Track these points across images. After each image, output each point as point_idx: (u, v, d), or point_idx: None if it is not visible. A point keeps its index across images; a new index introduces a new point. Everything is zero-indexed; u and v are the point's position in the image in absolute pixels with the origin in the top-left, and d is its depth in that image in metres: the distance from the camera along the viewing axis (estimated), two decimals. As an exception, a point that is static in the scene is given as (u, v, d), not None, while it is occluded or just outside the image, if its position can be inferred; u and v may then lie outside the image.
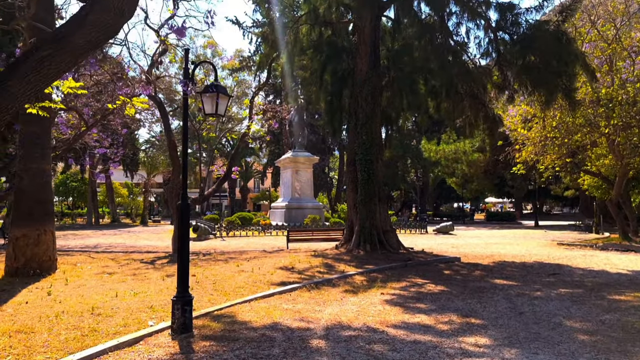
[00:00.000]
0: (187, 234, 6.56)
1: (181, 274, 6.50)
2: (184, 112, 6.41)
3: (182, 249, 6.54)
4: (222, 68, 54.85)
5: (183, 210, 6.56)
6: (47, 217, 11.26)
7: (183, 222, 6.51)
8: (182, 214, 6.54)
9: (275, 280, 10.42)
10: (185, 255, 6.52)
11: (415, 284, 10.42)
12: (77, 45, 4.17)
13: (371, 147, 14.84)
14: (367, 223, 14.63)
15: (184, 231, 6.51)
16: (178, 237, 6.53)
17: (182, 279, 6.49)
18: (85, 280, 10.41)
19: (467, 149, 38.74)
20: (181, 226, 6.52)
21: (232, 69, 47.90)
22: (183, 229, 6.51)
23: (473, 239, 24.68)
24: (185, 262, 6.51)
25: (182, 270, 6.49)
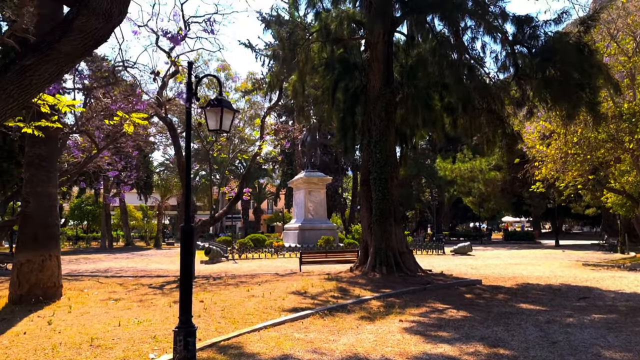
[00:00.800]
0: (190, 259, 6.10)
1: (183, 302, 6.02)
2: (186, 129, 6.02)
3: (185, 276, 6.07)
4: (235, 90, 55.17)
5: (186, 233, 6.11)
6: (52, 241, 10.89)
7: (186, 247, 6.06)
8: (185, 237, 6.09)
9: (286, 306, 9.89)
10: (187, 283, 6.06)
11: (435, 310, 9.80)
12: (63, 52, 3.79)
13: (385, 165, 14.35)
14: (383, 244, 14.05)
15: (186, 256, 6.05)
16: (181, 263, 6.08)
17: (184, 308, 6.01)
18: (89, 308, 9.97)
19: (483, 167, 38.03)
20: (184, 251, 6.07)
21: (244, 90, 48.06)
22: (186, 254, 6.06)
23: (492, 259, 23.88)
24: (187, 289, 6.03)
25: (185, 299, 6.01)
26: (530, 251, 31.37)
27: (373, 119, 14.73)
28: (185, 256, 6.02)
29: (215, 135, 17.81)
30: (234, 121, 6.50)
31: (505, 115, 15.85)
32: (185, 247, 6.03)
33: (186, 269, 6.02)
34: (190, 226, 6.08)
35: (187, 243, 6.03)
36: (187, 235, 6.07)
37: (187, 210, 6.11)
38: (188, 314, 5.99)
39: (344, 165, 53.05)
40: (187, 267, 6.02)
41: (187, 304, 6.01)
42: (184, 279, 6.04)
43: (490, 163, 37.97)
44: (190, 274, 6.08)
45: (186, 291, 6.00)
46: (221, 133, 5.99)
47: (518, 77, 13.90)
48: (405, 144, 16.37)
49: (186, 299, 5.99)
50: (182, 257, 6.01)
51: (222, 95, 6.00)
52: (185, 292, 5.99)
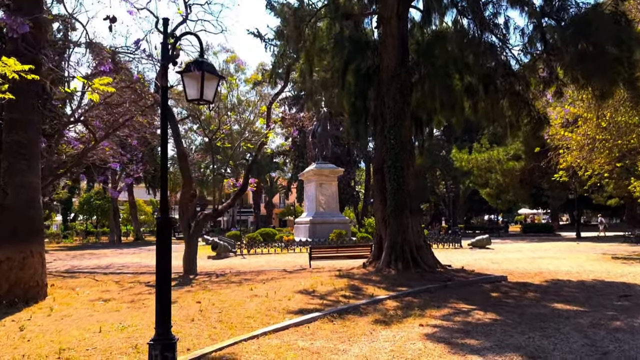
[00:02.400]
0: (168, 258, 5.05)
1: (161, 311, 4.97)
2: (162, 99, 4.95)
3: (162, 279, 5.02)
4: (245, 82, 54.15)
5: (162, 226, 5.05)
6: (34, 237, 9.94)
7: (162, 243, 5.00)
8: (161, 231, 5.03)
9: (292, 308, 8.82)
10: (164, 287, 5.00)
11: (460, 311, 8.67)
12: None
13: (401, 153, 13.19)
14: (399, 238, 12.92)
15: (163, 255, 4.99)
16: (156, 264, 5.03)
17: (161, 318, 4.96)
18: (73, 310, 9.00)
19: (501, 157, 36.59)
20: (160, 248, 5.01)
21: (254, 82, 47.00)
22: (163, 251, 5.00)
23: (513, 253, 22.62)
24: (164, 295, 4.98)
25: (162, 306, 4.96)
26: (551, 244, 29.99)
27: (387, 102, 13.56)
28: (162, 255, 4.96)
29: (219, 124, 16.80)
30: (244, 114, 5.47)
31: (530, 97, 14.60)
32: (161, 244, 4.97)
33: (163, 270, 4.97)
34: (167, 218, 5.02)
35: (163, 238, 4.97)
36: (163, 229, 5.00)
37: (163, 198, 5.05)
38: (166, 324, 4.95)
39: (356, 157, 51.89)
40: (164, 268, 4.97)
41: (165, 313, 4.97)
42: (160, 282, 4.99)
43: (509, 153, 36.52)
44: (167, 276, 5.03)
45: (163, 297, 4.95)
46: (203, 104, 4.93)
47: (548, 53, 12.61)
48: (421, 130, 15.16)
49: (163, 307, 4.95)
50: (159, 256, 4.96)
51: (203, 56, 4.93)
52: (162, 299, 4.94)
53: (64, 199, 52.49)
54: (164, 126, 5.00)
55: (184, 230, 14.86)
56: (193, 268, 14.48)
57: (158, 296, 4.96)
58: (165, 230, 4.99)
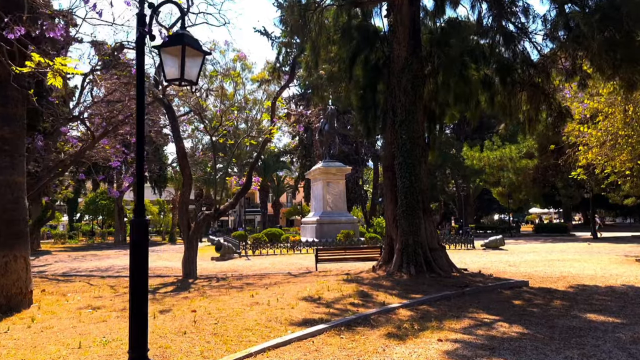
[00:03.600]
0: (142, 269, 4.23)
1: (135, 331, 4.16)
2: (137, 77, 4.15)
3: (136, 294, 4.20)
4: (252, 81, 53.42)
5: (137, 228, 4.24)
6: (18, 240, 9.17)
7: (137, 249, 4.19)
8: (136, 234, 4.22)
9: (295, 318, 8.00)
10: (139, 302, 4.19)
11: (482, 323, 7.80)
12: None
13: (413, 148, 12.33)
14: (410, 240, 12.06)
15: (137, 266, 4.18)
16: (130, 275, 4.22)
17: (136, 339, 4.15)
18: (56, 320, 8.23)
19: (513, 155, 35.55)
20: (134, 257, 4.20)
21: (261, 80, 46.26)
22: (137, 262, 4.19)
23: (529, 254, 21.66)
24: (139, 312, 4.17)
25: (137, 325, 4.15)
26: (567, 244, 28.95)
27: (398, 94, 12.70)
28: (137, 264, 4.14)
29: (220, 119, 16.01)
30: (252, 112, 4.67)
31: (550, 89, 13.70)
32: (135, 252, 4.16)
33: (138, 283, 4.15)
34: (142, 220, 4.21)
35: (137, 244, 4.16)
36: (138, 232, 4.19)
37: (138, 196, 4.25)
38: (141, 348, 4.13)
39: (364, 155, 51.03)
40: (139, 281, 4.15)
41: (139, 333, 4.16)
42: (135, 297, 4.17)
43: (521, 151, 35.48)
44: (143, 289, 4.21)
45: (138, 315, 4.13)
46: (185, 85, 4.13)
47: (571, 41, 11.68)
48: (434, 124, 14.26)
49: (138, 326, 4.13)
50: (133, 266, 4.15)
51: (184, 28, 4.12)
52: (136, 317, 4.12)
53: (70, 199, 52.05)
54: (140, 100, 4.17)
55: (184, 231, 14.09)
56: (193, 271, 13.71)
57: (132, 313, 4.15)
58: (140, 234, 4.18)
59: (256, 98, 58.61)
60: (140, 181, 4.32)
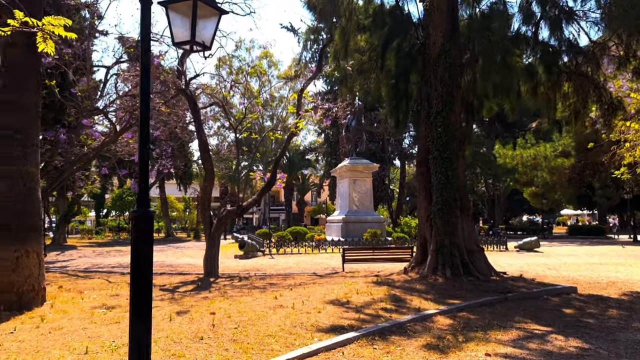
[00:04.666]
0: (148, 268, 3.55)
1: (136, 342, 3.47)
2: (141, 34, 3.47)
3: (139, 299, 3.51)
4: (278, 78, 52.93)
5: (140, 221, 3.56)
6: (30, 234, 8.67)
7: (139, 246, 3.51)
8: (139, 229, 3.54)
9: (322, 324, 7.26)
10: (144, 309, 3.50)
11: (532, 335, 6.93)
12: None
13: (449, 142, 11.46)
14: (446, 240, 11.20)
15: (140, 264, 3.50)
16: (131, 273, 3.55)
17: (137, 352, 3.46)
18: (67, 321, 7.66)
19: (548, 154, 34.09)
20: (137, 256, 3.52)
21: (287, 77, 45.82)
22: (139, 262, 3.50)
23: (568, 257, 20.48)
24: (142, 321, 3.48)
25: (138, 336, 3.46)
26: (606, 247, 27.52)
27: (433, 84, 11.85)
28: (140, 264, 3.46)
29: (245, 112, 15.40)
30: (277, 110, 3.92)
31: (600, 79, 12.66)
32: (138, 249, 3.47)
33: (140, 284, 3.47)
34: (146, 211, 3.53)
35: (139, 240, 3.47)
36: (141, 227, 3.51)
37: (142, 185, 3.57)
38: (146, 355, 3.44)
39: (391, 153, 50.00)
40: (141, 280, 3.46)
41: (142, 344, 3.46)
42: (136, 301, 3.48)
43: (557, 149, 33.99)
44: (147, 296, 3.52)
45: (140, 324, 3.44)
46: (197, 50, 3.45)
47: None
48: (472, 117, 13.33)
49: (140, 337, 3.44)
50: (134, 264, 3.47)
51: (196, -19, 3.43)
52: (138, 326, 3.43)
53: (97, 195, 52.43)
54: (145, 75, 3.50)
55: (206, 228, 13.51)
56: (214, 270, 13.11)
57: (132, 323, 3.46)
58: (143, 229, 3.50)
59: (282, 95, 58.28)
60: (144, 168, 3.66)
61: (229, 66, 26.15)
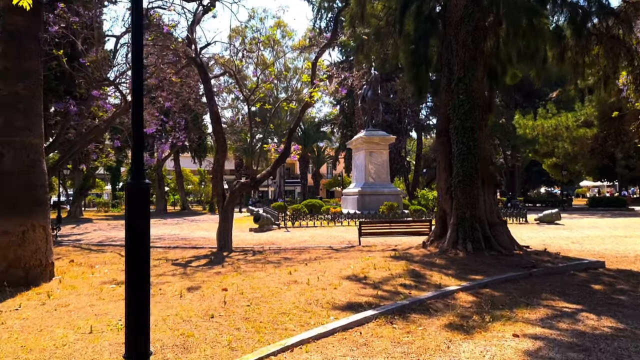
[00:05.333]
0: (142, 246, 3.18)
1: (134, 327, 3.13)
2: None
3: (136, 276, 3.16)
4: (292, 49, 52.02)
5: (134, 193, 3.18)
6: (36, 207, 8.42)
7: (134, 220, 3.14)
8: (133, 201, 3.17)
9: (338, 301, 6.93)
10: (141, 290, 3.15)
11: (562, 313, 6.52)
12: None
13: (471, 110, 10.88)
14: (467, 213, 10.74)
15: (135, 242, 3.13)
16: (126, 252, 3.19)
17: (135, 338, 3.13)
18: (75, 297, 7.44)
19: (570, 124, 33.07)
20: (132, 230, 3.15)
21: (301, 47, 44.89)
22: (135, 237, 3.14)
23: (590, 230, 19.89)
24: (140, 304, 3.13)
25: (136, 320, 3.12)
26: (629, 220, 26.76)
27: (455, 49, 11.22)
28: (134, 242, 3.09)
29: (258, 81, 14.91)
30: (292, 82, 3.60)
31: (633, 43, 11.90)
32: (132, 222, 3.10)
33: (138, 267, 3.10)
34: (140, 183, 3.15)
35: (134, 215, 3.10)
36: (136, 198, 3.13)
37: (136, 154, 3.18)
38: (142, 342, 3.11)
39: (407, 125, 49.13)
40: (138, 262, 3.10)
41: (141, 329, 3.13)
42: (133, 279, 3.13)
43: (579, 119, 32.94)
44: (145, 272, 3.16)
45: (139, 308, 3.10)
46: None
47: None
48: (496, 84, 12.67)
49: (139, 321, 3.10)
50: (131, 243, 3.10)
51: None
52: (136, 310, 3.09)
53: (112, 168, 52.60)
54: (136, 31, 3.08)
55: (219, 201, 13.21)
56: (228, 244, 12.86)
57: (129, 309, 3.11)
58: (138, 203, 3.12)
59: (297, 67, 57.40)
60: (138, 135, 3.26)
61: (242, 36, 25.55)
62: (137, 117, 3.21)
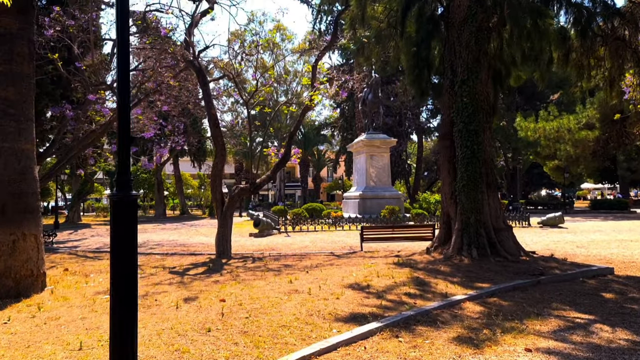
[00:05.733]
0: (129, 261, 2.91)
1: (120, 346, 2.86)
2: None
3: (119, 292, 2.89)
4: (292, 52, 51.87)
5: (118, 209, 2.91)
6: (27, 215, 8.15)
7: (119, 241, 2.87)
8: (118, 220, 2.90)
9: (341, 312, 6.66)
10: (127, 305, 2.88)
11: (574, 324, 6.24)
12: None
13: (475, 112, 10.63)
14: (472, 218, 10.47)
15: (122, 256, 2.87)
16: (111, 277, 2.92)
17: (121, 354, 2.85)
18: (67, 309, 7.16)
19: (572, 126, 32.79)
20: (115, 251, 2.88)
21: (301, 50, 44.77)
22: (120, 250, 2.87)
23: (595, 234, 19.61)
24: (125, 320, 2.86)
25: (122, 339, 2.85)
26: (632, 222, 26.49)
27: (458, 50, 10.97)
28: (120, 259, 2.82)
29: (257, 83, 14.66)
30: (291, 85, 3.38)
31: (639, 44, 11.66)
32: (118, 242, 2.83)
33: (123, 284, 2.83)
34: (126, 195, 2.88)
35: (120, 232, 2.83)
36: (122, 214, 2.86)
37: (122, 161, 2.92)
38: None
39: (408, 128, 48.86)
40: (126, 278, 2.83)
41: (126, 352, 2.85)
42: (119, 299, 2.86)
43: (581, 121, 32.66)
44: (132, 292, 2.89)
45: (124, 330, 2.82)
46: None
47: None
48: (500, 86, 12.41)
49: (124, 346, 2.83)
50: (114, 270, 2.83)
51: None
52: (122, 333, 2.81)
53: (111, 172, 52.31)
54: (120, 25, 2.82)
55: (217, 207, 12.94)
56: (227, 250, 12.59)
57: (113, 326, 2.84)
58: (125, 217, 2.85)
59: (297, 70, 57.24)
60: (124, 141, 2.99)
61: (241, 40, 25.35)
62: (124, 121, 2.95)
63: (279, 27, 53.30)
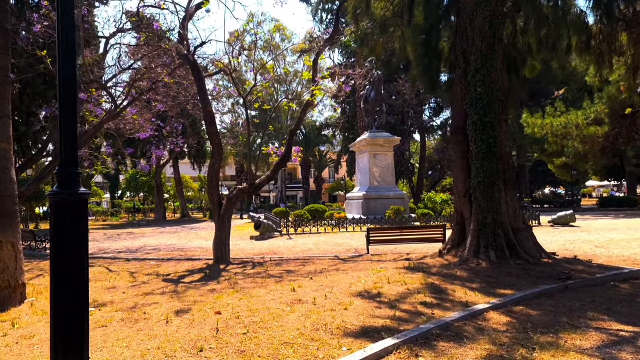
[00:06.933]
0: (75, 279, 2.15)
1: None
2: None
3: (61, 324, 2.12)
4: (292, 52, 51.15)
5: (59, 212, 2.15)
6: (4, 220, 7.41)
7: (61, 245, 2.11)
8: (58, 226, 2.13)
9: (351, 326, 5.89)
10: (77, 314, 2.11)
11: (619, 338, 5.46)
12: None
13: (491, 104, 9.86)
14: (489, 218, 9.69)
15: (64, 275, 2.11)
16: (51, 272, 2.16)
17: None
18: (45, 325, 6.39)
19: (580, 122, 31.90)
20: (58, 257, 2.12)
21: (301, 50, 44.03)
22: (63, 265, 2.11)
23: (611, 232, 18.79)
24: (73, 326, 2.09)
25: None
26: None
27: (471, 37, 10.20)
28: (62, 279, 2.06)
29: (255, 78, 13.92)
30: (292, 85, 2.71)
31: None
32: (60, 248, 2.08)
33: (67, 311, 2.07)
34: (72, 194, 2.12)
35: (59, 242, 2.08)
36: (64, 218, 2.11)
37: (67, 153, 2.17)
38: None
39: (411, 127, 48.06)
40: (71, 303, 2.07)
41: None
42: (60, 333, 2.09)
43: (589, 117, 31.77)
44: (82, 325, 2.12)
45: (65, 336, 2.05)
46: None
47: None
48: (516, 76, 11.62)
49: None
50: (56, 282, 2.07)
51: None
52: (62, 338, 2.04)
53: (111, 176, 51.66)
54: None
55: (214, 210, 12.18)
56: (225, 255, 11.83)
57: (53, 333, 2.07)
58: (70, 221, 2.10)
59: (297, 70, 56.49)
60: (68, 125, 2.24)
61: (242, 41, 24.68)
62: (67, 100, 2.19)
63: (279, 28, 52.64)
